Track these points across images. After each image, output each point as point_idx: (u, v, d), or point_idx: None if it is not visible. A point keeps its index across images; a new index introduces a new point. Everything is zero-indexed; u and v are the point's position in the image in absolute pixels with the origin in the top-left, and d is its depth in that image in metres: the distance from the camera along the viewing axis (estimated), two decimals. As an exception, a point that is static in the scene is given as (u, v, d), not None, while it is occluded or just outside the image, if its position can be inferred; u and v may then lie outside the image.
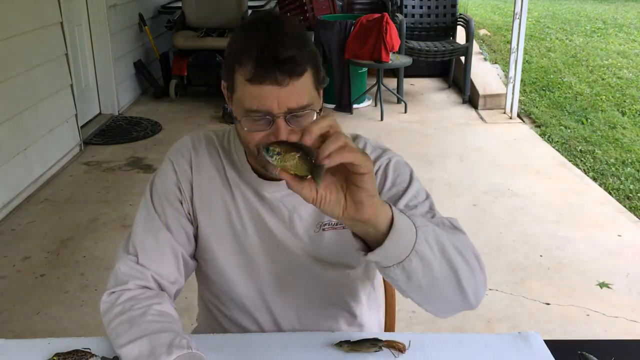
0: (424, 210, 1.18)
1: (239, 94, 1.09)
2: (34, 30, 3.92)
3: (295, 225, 1.24)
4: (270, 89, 1.04)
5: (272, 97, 1.04)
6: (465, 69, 5.89)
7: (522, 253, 3.21)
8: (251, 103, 1.06)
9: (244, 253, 1.26)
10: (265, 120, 1.07)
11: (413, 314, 2.54)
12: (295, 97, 1.05)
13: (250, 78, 1.04)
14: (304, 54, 1.06)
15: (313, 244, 1.24)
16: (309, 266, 1.26)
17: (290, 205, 1.23)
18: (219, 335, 1.25)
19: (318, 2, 6.11)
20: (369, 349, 1.15)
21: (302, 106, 1.06)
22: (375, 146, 1.26)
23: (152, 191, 1.26)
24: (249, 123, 1.08)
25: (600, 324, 2.65)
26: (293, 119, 1.06)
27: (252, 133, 1.09)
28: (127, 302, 1.16)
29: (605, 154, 4.60)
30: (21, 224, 3.51)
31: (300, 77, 1.05)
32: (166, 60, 6.08)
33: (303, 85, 1.06)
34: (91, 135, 4.91)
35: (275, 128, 1.06)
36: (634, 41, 7.96)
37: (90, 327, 2.58)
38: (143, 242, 1.22)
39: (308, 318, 1.32)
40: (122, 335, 1.11)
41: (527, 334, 1.21)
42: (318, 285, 1.29)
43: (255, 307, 1.31)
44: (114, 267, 1.23)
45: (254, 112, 1.06)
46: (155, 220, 1.23)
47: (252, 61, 1.04)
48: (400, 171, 1.22)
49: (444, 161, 4.48)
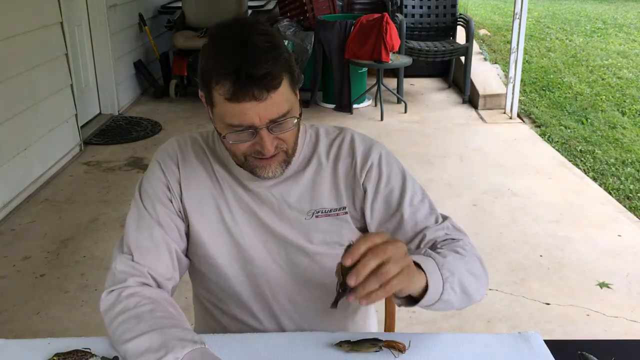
0: (425, 212, 1.26)
1: (219, 109, 1.12)
2: (34, 30, 3.92)
3: (286, 214, 1.26)
4: (249, 105, 1.08)
5: (253, 113, 1.09)
6: (465, 69, 5.89)
7: (522, 253, 3.21)
8: (232, 119, 1.10)
9: (237, 245, 1.28)
10: (249, 132, 1.11)
11: (413, 314, 2.54)
12: (275, 108, 1.10)
13: (230, 97, 1.08)
14: (279, 65, 1.09)
15: (305, 230, 1.27)
16: (302, 252, 1.28)
17: (279, 195, 1.26)
18: (219, 335, 1.25)
19: (318, 2, 6.10)
20: (369, 349, 1.15)
21: (283, 114, 1.11)
22: (363, 140, 1.30)
23: (141, 192, 1.27)
24: (233, 136, 1.13)
25: (600, 324, 2.65)
26: (275, 126, 1.12)
27: (237, 145, 1.14)
28: (131, 299, 1.16)
29: (605, 154, 4.60)
30: (21, 224, 3.51)
31: (278, 88, 1.09)
32: (166, 60, 6.08)
33: (281, 94, 1.10)
34: (91, 135, 4.91)
35: (259, 138, 1.12)
36: (634, 41, 7.96)
37: (90, 327, 2.59)
38: (137, 241, 1.23)
39: (304, 305, 1.33)
40: (128, 331, 1.10)
41: (527, 334, 1.21)
42: (312, 271, 1.30)
43: (251, 299, 1.32)
44: (110, 268, 1.23)
45: (236, 127, 1.11)
46: (147, 218, 1.24)
47: (229, 80, 1.07)
48: (392, 165, 1.29)
49: (444, 161, 4.48)
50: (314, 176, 1.27)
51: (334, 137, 1.31)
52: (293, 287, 1.31)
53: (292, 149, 1.20)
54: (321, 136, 1.31)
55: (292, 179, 1.26)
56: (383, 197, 1.26)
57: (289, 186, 1.26)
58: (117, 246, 1.26)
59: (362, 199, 1.27)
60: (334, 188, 1.27)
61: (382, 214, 1.27)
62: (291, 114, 1.13)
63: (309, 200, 1.26)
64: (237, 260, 1.29)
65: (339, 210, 1.27)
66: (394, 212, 1.26)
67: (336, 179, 1.27)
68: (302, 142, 1.27)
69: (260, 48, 1.08)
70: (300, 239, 1.27)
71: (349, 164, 1.27)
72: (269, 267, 1.29)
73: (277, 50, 1.10)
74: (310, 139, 1.30)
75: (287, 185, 1.26)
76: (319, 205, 1.26)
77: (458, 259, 1.15)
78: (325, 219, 1.27)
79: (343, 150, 1.28)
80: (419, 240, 1.24)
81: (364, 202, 1.27)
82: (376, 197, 1.26)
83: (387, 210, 1.26)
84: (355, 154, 1.27)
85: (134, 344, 1.07)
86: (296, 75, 1.14)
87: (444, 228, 1.25)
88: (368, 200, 1.26)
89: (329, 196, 1.27)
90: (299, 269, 1.30)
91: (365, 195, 1.26)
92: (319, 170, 1.27)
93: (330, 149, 1.29)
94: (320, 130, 1.32)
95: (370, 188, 1.26)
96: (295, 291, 1.32)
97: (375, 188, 1.26)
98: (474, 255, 1.20)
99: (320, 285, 1.31)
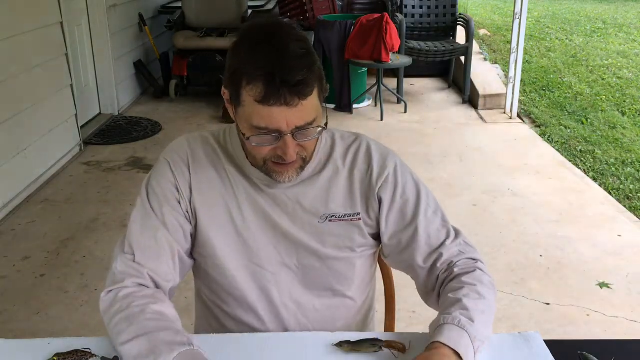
0: (438, 224, 1.28)
1: (246, 110, 1.12)
2: (34, 30, 3.92)
3: (299, 217, 1.26)
4: (279, 110, 1.08)
5: (282, 117, 1.09)
6: (465, 69, 5.89)
7: (522, 253, 3.21)
8: (260, 122, 1.10)
9: (246, 247, 1.27)
10: (273, 136, 1.11)
11: (413, 314, 2.53)
12: (304, 115, 1.10)
13: (260, 100, 1.08)
14: (313, 74, 1.10)
15: (318, 234, 1.27)
16: (314, 255, 1.28)
17: (293, 197, 1.26)
18: (219, 335, 1.25)
19: (318, 2, 6.11)
20: (369, 349, 1.15)
21: (309, 122, 1.12)
22: (378, 149, 1.30)
23: (148, 191, 1.26)
24: (257, 139, 1.13)
25: (600, 324, 2.65)
26: (300, 133, 1.13)
27: (260, 147, 1.14)
28: (125, 300, 1.16)
29: (605, 154, 4.61)
30: (21, 224, 3.51)
31: (309, 96, 1.10)
32: (166, 60, 6.08)
33: (311, 103, 1.11)
34: (91, 135, 4.91)
35: (283, 144, 1.12)
36: (634, 41, 7.96)
37: (90, 327, 2.59)
38: (139, 241, 1.22)
39: (310, 307, 1.33)
40: (122, 334, 1.11)
41: (527, 334, 1.21)
42: (322, 274, 1.31)
43: (257, 301, 1.31)
44: (110, 267, 1.23)
45: (262, 129, 1.11)
46: (152, 218, 1.23)
47: (262, 83, 1.07)
48: (407, 175, 1.30)
49: (444, 161, 4.48)
50: (329, 180, 1.27)
51: (350, 143, 1.31)
52: (301, 289, 1.31)
53: (310, 157, 1.21)
54: (337, 141, 1.30)
55: (308, 182, 1.26)
56: (398, 208, 1.27)
57: (304, 189, 1.26)
58: (119, 244, 1.25)
59: (376, 208, 1.27)
60: (349, 194, 1.27)
61: (397, 224, 1.28)
62: (316, 123, 1.14)
63: (323, 204, 1.26)
64: (245, 261, 1.28)
65: (352, 216, 1.27)
66: (408, 223, 1.27)
67: (352, 185, 1.27)
68: (318, 146, 1.27)
69: (296, 54, 1.08)
70: (312, 242, 1.27)
71: (365, 171, 1.28)
72: (278, 269, 1.29)
73: (312, 57, 1.11)
74: (327, 143, 1.30)
75: (302, 188, 1.26)
76: (333, 210, 1.27)
77: (482, 311, 1.15)
78: (338, 223, 1.27)
79: (359, 157, 1.29)
80: (435, 259, 1.26)
81: (380, 211, 1.27)
82: (392, 208, 1.27)
83: (402, 221, 1.28)
84: (372, 162, 1.28)
85: (126, 349, 1.09)
86: (325, 86, 1.15)
87: (458, 245, 1.27)
88: (384, 210, 1.27)
89: (344, 201, 1.27)
90: (309, 272, 1.30)
91: (380, 205, 1.27)
92: (335, 175, 1.27)
93: (347, 154, 1.29)
94: (336, 135, 1.32)
95: (386, 198, 1.27)
96: (303, 293, 1.32)
97: (392, 198, 1.27)
98: (488, 284, 1.21)
99: (328, 288, 1.32)
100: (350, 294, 1.35)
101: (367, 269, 1.38)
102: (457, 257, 1.25)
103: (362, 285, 1.38)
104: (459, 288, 1.18)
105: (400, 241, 1.28)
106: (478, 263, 1.25)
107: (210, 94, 5.88)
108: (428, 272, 1.27)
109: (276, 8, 6.76)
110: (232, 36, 5.81)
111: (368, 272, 1.39)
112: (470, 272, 1.22)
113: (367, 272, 1.38)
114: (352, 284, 1.34)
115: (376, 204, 1.27)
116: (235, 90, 1.12)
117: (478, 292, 1.17)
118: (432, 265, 1.26)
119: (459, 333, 1.08)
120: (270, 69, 1.06)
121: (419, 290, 1.33)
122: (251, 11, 6.32)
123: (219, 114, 5.43)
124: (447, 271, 1.25)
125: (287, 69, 1.06)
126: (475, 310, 1.13)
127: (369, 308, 1.45)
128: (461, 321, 1.10)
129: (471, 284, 1.19)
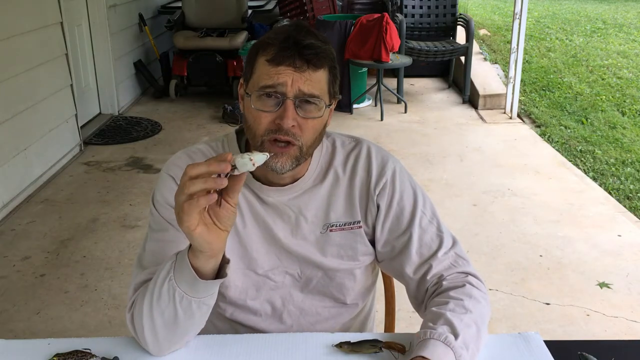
0: (432, 234, 1.26)
1: (256, 74, 1.14)
2: (34, 30, 3.92)
3: (301, 228, 1.26)
4: (287, 70, 1.11)
5: (287, 77, 1.11)
6: (465, 69, 5.90)
7: (522, 253, 3.21)
8: (267, 80, 1.12)
9: (248, 257, 1.27)
10: (276, 99, 1.12)
11: (413, 314, 2.52)
12: (308, 84, 1.12)
13: (271, 59, 1.11)
14: (325, 50, 1.14)
15: (319, 244, 1.27)
16: (316, 267, 1.28)
17: (296, 208, 1.25)
18: (219, 336, 1.25)
19: (318, 2, 6.11)
20: (368, 350, 1.15)
21: (313, 94, 1.12)
22: (377, 154, 1.30)
23: (156, 206, 1.24)
24: (259, 102, 1.13)
25: (600, 324, 2.65)
26: (301, 105, 1.12)
27: (260, 116, 1.13)
28: (141, 291, 1.16)
29: (605, 154, 4.61)
30: (21, 224, 3.51)
31: (317, 70, 1.13)
32: (166, 60, 6.08)
33: (318, 78, 1.13)
34: (91, 135, 4.91)
35: (283, 110, 1.11)
36: (634, 41, 7.96)
37: (90, 327, 2.59)
38: (152, 250, 1.21)
39: (312, 311, 1.33)
40: (145, 301, 1.11)
41: (527, 334, 1.21)
42: (325, 283, 1.30)
43: (259, 307, 1.31)
44: (130, 285, 1.21)
45: (267, 88, 1.12)
46: (161, 223, 1.22)
47: (276, 45, 1.12)
48: (405, 182, 1.29)
49: (444, 161, 4.48)
50: (330, 190, 1.27)
51: (350, 150, 1.30)
52: (303, 296, 1.32)
53: (306, 147, 1.16)
54: (337, 148, 1.30)
55: (310, 192, 1.26)
56: (394, 215, 1.27)
57: (306, 199, 1.25)
58: (136, 264, 1.23)
59: (374, 214, 1.27)
60: (349, 202, 1.27)
61: (392, 232, 1.27)
62: (321, 100, 1.14)
63: (324, 214, 1.26)
64: (247, 271, 1.28)
65: (353, 224, 1.27)
66: (403, 231, 1.27)
67: (352, 193, 1.27)
68: (318, 154, 1.27)
69: (314, 33, 1.15)
70: (314, 254, 1.27)
71: (364, 178, 1.27)
72: (281, 277, 1.29)
73: (329, 45, 1.16)
74: (327, 150, 1.29)
75: (304, 198, 1.25)
76: (333, 219, 1.26)
77: (468, 324, 1.12)
78: (339, 232, 1.27)
79: (359, 163, 1.28)
80: (425, 271, 1.24)
81: (376, 218, 1.27)
82: (388, 215, 1.27)
83: (397, 228, 1.27)
84: (371, 168, 1.27)
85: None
86: (336, 85, 1.18)
87: (450, 257, 1.25)
88: (380, 217, 1.27)
89: (344, 210, 1.27)
90: (311, 281, 1.30)
91: (377, 212, 1.27)
92: (335, 183, 1.27)
93: (347, 161, 1.29)
94: (336, 141, 1.31)
95: (383, 205, 1.27)
96: (306, 299, 1.32)
97: (388, 205, 1.27)
98: (478, 298, 1.18)
99: (330, 296, 1.33)
100: (353, 301, 1.35)
101: (369, 275, 1.37)
102: (448, 271, 1.23)
103: (364, 291, 1.38)
104: (444, 303, 1.16)
105: (393, 248, 1.28)
106: (469, 277, 1.22)
107: (210, 94, 5.88)
108: (417, 284, 1.26)
109: (276, 8, 6.76)
110: (232, 36, 5.83)
111: (369, 278, 1.38)
112: (459, 287, 1.20)
113: (369, 278, 1.38)
114: (354, 291, 1.34)
115: (375, 210, 1.27)
116: (251, 63, 1.16)
117: (464, 306, 1.15)
118: (421, 277, 1.25)
119: (444, 350, 1.06)
120: (287, 34, 1.12)
121: (410, 300, 1.31)
122: (251, 11, 6.32)
123: (219, 114, 5.43)
124: (436, 284, 1.23)
125: (302, 34, 1.12)
126: (461, 325, 1.11)
127: (369, 310, 1.45)
128: (447, 338, 1.08)
129: (458, 298, 1.16)
